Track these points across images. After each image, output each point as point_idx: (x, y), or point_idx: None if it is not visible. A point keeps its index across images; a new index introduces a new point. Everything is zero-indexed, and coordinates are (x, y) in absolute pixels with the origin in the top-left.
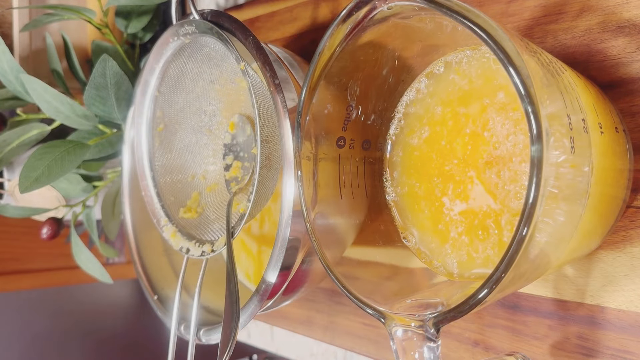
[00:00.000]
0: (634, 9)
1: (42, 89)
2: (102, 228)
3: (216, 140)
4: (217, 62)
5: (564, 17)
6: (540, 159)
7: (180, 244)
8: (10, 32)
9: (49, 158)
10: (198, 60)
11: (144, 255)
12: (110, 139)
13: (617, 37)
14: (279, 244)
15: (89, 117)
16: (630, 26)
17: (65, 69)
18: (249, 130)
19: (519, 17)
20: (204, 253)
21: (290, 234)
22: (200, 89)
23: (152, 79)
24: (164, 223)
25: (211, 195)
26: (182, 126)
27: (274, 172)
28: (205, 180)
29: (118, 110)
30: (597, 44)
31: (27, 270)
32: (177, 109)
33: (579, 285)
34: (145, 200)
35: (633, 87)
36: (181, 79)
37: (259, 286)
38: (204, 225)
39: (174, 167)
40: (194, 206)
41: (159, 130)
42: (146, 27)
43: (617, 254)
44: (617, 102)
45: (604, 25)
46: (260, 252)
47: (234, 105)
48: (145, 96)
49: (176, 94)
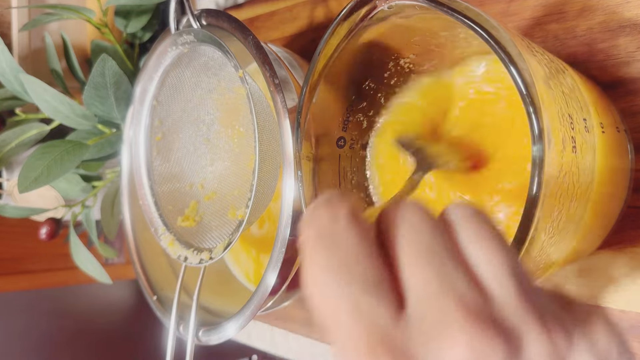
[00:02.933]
0: (634, 8)
1: (42, 88)
2: (101, 228)
3: (214, 149)
4: (215, 71)
5: (565, 17)
6: (542, 159)
7: (178, 253)
8: (9, 32)
9: (48, 158)
10: (196, 69)
11: (143, 256)
12: (110, 139)
13: (618, 37)
14: (278, 244)
15: (89, 117)
16: (631, 26)
17: (64, 68)
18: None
19: (519, 17)
20: (202, 261)
21: (290, 234)
22: (198, 98)
23: (150, 88)
24: (161, 232)
25: (209, 204)
26: (180, 135)
27: (272, 178)
28: (204, 189)
29: (117, 110)
30: (598, 44)
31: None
32: (175, 118)
33: (579, 285)
34: (142, 208)
35: (634, 86)
36: (179, 88)
37: (258, 286)
38: (201, 233)
39: (172, 176)
40: (192, 215)
41: (157, 140)
42: (145, 27)
43: (618, 254)
44: (618, 101)
45: (605, 24)
46: (260, 252)
47: (232, 114)
48: (143, 105)
49: (174, 103)
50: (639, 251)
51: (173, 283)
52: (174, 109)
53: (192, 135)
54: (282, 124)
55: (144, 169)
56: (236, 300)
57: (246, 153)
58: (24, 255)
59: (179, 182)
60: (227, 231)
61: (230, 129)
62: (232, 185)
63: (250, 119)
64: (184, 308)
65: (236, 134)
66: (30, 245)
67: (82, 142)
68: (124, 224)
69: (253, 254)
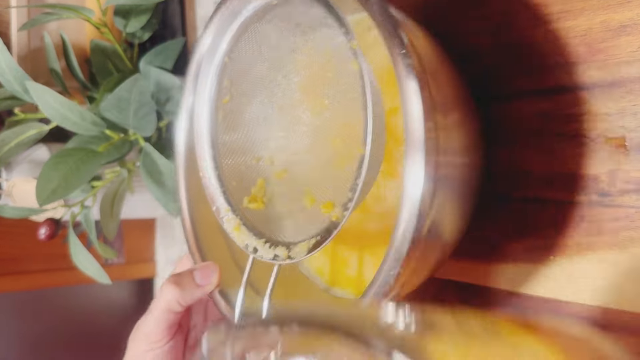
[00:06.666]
0: (635, 7)
1: (50, 95)
2: (100, 228)
3: (288, 119)
4: (304, 30)
5: (566, 16)
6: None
7: (245, 241)
8: (9, 31)
9: (64, 168)
10: (282, 25)
11: (200, 236)
12: (117, 144)
13: (619, 37)
14: (390, 259)
15: (98, 123)
16: (632, 25)
17: (63, 68)
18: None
19: (520, 17)
20: (276, 257)
21: (412, 240)
22: (277, 58)
23: (222, 42)
24: (224, 212)
25: (279, 184)
26: (251, 100)
27: (375, 172)
28: (273, 165)
29: (134, 119)
30: (598, 44)
31: (25, 271)
32: (247, 79)
33: (580, 286)
34: (203, 183)
35: (634, 86)
36: (258, 45)
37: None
38: (273, 221)
39: (238, 146)
40: (259, 195)
41: (224, 102)
42: (145, 26)
43: (619, 255)
44: (618, 101)
45: (606, 24)
46: (337, 245)
47: (315, 80)
48: (212, 62)
49: (249, 62)
50: (638, 252)
51: (233, 273)
52: (247, 69)
53: (265, 101)
54: (405, 91)
55: (206, 136)
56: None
57: (329, 128)
58: (23, 256)
59: (245, 154)
60: (305, 222)
61: (312, 98)
62: (309, 165)
63: (340, 90)
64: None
65: (318, 104)
66: (29, 245)
67: (95, 150)
68: (180, 202)
69: (328, 246)
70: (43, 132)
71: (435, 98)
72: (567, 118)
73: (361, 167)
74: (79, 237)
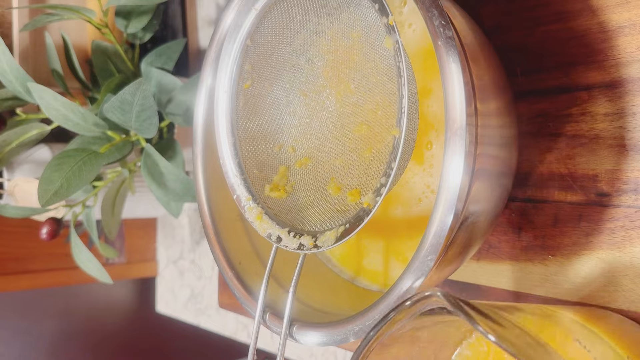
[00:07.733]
0: (634, 8)
1: (51, 96)
2: (101, 228)
3: (312, 105)
4: (330, 11)
5: (565, 17)
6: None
7: (267, 230)
8: (10, 32)
9: (66, 169)
10: (307, 6)
11: (219, 226)
12: (118, 145)
13: (618, 37)
14: (427, 245)
15: (100, 125)
16: (631, 26)
17: (64, 69)
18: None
19: (519, 17)
20: (302, 247)
21: (451, 226)
22: (300, 41)
23: (244, 23)
24: (245, 201)
25: (302, 173)
26: (273, 85)
27: (407, 159)
28: (295, 152)
29: (136, 121)
30: (598, 44)
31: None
32: (269, 63)
33: (579, 285)
34: (223, 171)
35: (633, 87)
36: (282, 27)
37: (392, 289)
38: (297, 210)
39: (258, 134)
40: (281, 183)
41: (246, 88)
42: (146, 27)
43: (617, 254)
44: (617, 101)
45: (605, 25)
46: (359, 234)
47: (341, 65)
48: (233, 44)
49: (272, 44)
50: (638, 251)
51: (254, 264)
52: (270, 53)
53: (287, 86)
54: (446, 72)
55: (226, 122)
56: (329, 293)
57: (354, 114)
58: (24, 255)
59: (267, 141)
60: (330, 210)
61: (336, 83)
62: (333, 153)
63: (366, 74)
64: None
65: (343, 90)
66: (31, 245)
67: (97, 152)
68: (197, 185)
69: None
70: (45, 133)
71: (476, 82)
72: (566, 118)
73: (396, 150)
74: (81, 237)
